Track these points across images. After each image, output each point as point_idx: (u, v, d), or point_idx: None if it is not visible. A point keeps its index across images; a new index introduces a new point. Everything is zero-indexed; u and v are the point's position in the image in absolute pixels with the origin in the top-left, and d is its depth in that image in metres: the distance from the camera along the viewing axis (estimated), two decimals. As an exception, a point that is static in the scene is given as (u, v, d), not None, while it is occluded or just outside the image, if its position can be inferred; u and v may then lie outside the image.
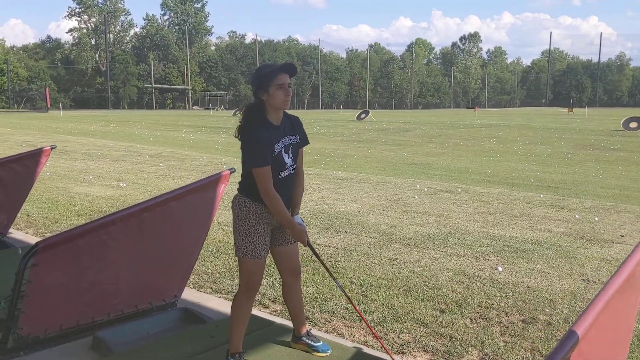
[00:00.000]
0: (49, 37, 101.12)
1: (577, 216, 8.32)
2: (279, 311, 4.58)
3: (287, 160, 3.29)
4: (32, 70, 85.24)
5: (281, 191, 3.23)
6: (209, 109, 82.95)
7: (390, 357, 3.45)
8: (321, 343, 3.67)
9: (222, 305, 4.61)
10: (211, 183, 4.36)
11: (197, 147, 19.93)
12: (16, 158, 6.23)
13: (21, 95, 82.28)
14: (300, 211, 3.54)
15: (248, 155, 3.18)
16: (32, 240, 6.06)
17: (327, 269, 3.55)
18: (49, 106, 69.89)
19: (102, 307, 4.00)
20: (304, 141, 3.45)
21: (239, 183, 3.36)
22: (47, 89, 75.34)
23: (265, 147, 3.15)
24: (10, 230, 6.57)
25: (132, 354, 3.63)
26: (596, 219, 8.15)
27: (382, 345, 3.57)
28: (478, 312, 4.55)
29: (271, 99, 3.17)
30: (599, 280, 5.38)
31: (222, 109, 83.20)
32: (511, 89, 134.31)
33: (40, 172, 6.49)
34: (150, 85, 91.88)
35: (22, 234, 6.97)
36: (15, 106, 78.89)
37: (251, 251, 3.26)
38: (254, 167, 3.15)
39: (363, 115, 44.99)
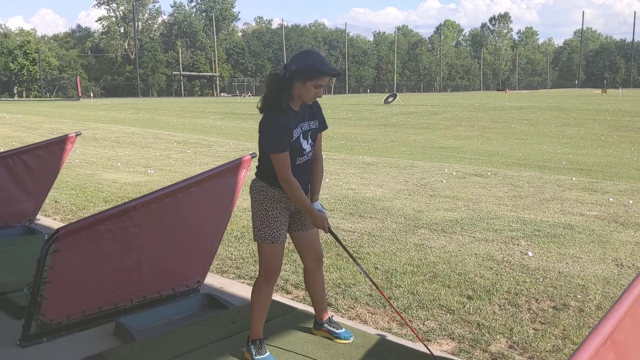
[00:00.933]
0: (79, 26, 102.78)
1: (610, 199, 8.06)
2: (302, 297, 4.52)
3: (306, 146, 3.20)
4: (63, 59, 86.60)
5: (299, 176, 3.15)
6: (236, 95, 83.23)
7: (422, 343, 3.34)
8: (343, 330, 3.60)
9: (245, 290, 4.56)
10: (232, 168, 4.31)
11: (224, 133, 19.98)
12: (42, 145, 6.27)
13: (53, 84, 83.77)
14: (324, 196, 3.45)
15: (266, 141, 3.10)
16: (59, 226, 6.11)
17: (350, 255, 3.45)
18: (80, 94, 71.00)
19: (125, 293, 3.99)
20: (323, 126, 3.34)
21: (257, 167, 3.28)
22: (78, 77, 76.49)
23: (284, 133, 3.05)
24: (38, 216, 6.64)
25: (154, 340, 3.61)
26: (631, 202, 7.89)
27: (412, 330, 3.45)
28: (507, 299, 4.42)
29: (302, 91, 3.07)
30: (633, 265, 5.19)
31: (249, 95, 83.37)
32: (542, 71, 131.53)
33: (67, 158, 6.52)
34: (178, 73, 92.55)
35: (50, 220, 7.04)
36: (48, 95, 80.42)
37: (269, 236, 3.19)
38: (271, 153, 3.06)
39: (390, 99, 44.57)
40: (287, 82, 3.05)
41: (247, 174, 4.37)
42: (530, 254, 5.51)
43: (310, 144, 3.24)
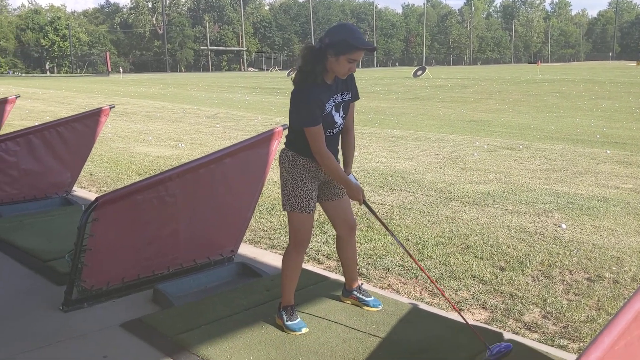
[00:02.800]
0: (107, 1, 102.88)
1: (647, 172, 7.90)
2: (334, 267, 4.56)
3: (338, 119, 3.19)
4: (93, 35, 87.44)
5: (330, 147, 3.14)
6: (264, 70, 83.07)
7: (455, 309, 3.34)
8: (372, 298, 3.63)
9: (278, 260, 4.60)
10: (264, 139, 4.33)
11: (252, 108, 20.03)
12: (77, 118, 6.39)
13: (83, 60, 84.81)
14: (353, 169, 3.44)
15: (298, 114, 3.10)
16: (96, 197, 6.24)
17: (385, 225, 3.43)
18: (109, 70, 71.73)
19: (162, 261, 4.09)
20: (355, 97, 3.32)
21: (286, 137, 3.30)
22: (108, 53, 77.19)
23: (316, 107, 3.04)
24: (74, 188, 6.79)
25: (191, 307, 3.70)
26: (668, 175, 7.72)
27: (445, 297, 3.44)
28: (540, 270, 4.40)
29: (335, 65, 3.03)
30: (670, 238, 5.10)
31: (276, 70, 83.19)
32: (576, 42, 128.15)
33: (101, 131, 6.63)
34: (206, 48, 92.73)
35: (86, 192, 7.21)
36: (78, 71, 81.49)
37: (299, 205, 3.22)
38: (304, 126, 3.07)
39: (419, 72, 44.03)
40: (321, 54, 3.03)
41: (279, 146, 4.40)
42: (563, 226, 5.46)
43: (342, 116, 3.23)
